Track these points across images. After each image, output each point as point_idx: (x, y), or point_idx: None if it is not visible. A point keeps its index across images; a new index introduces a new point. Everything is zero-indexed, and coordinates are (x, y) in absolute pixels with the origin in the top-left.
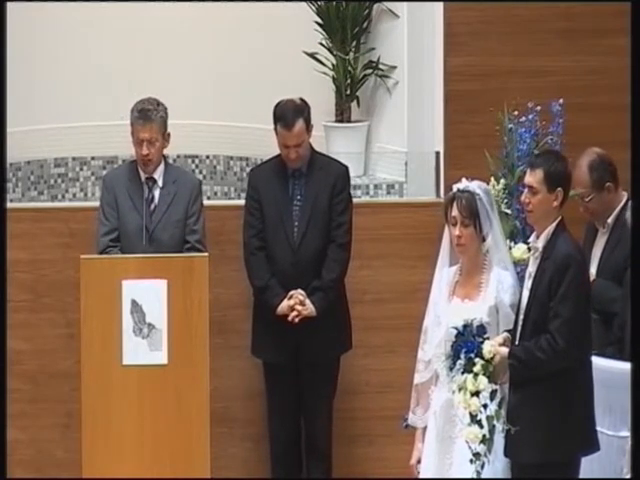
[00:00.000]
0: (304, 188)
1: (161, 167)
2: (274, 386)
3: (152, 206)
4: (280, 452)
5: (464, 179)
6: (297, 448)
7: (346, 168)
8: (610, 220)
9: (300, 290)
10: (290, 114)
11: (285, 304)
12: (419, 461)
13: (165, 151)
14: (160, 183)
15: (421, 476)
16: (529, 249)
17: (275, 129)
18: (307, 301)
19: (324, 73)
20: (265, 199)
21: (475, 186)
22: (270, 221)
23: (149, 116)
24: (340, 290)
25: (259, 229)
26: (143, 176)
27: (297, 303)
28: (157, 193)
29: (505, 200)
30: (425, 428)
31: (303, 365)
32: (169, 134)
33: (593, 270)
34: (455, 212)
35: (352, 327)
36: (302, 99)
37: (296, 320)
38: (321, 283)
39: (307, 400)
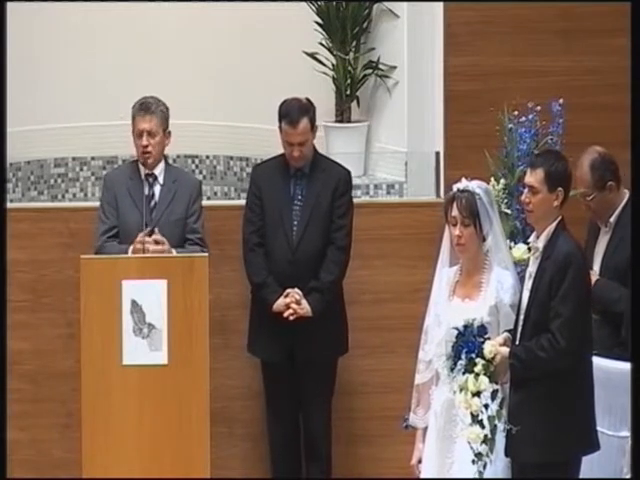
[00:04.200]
0: (305, 188)
1: (162, 165)
2: (271, 384)
3: (152, 203)
4: (278, 451)
5: (464, 179)
6: (296, 448)
7: (348, 172)
8: (612, 219)
9: (297, 290)
10: (295, 112)
11: (281, 301)
12: (420, 461)
13: (165, 151)
14: (161, 180)
15: (422, 476)
16: (529, 249)
17: (280, 127)
18: (303, 301)
19: (324, 73)
20: (266, 197)
21: (475, 186)
22: (270, 219)
23: (150, 108)
24: (337, 293)
25: (259, 226)
26: (143, 173)
27: (293, 301)
28: (157, 190)
29: (505, 200)
30: (426, 428)
31: (299, 364)
32: (170, 132)
33: (596, 268)
34: (455, 212)
35: (350, 328)
36: (308, 99)
37: (291, 318)
38: (319, 284)
39: (305, 400)
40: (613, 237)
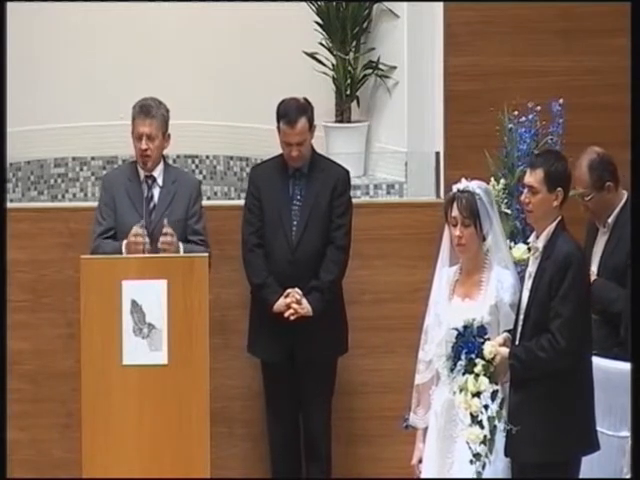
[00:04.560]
0: (304, 188)
1: (160, 166)
2: (271, 384)
3: (151, 205)
4: (278, 451)
5: (464, 179)
6: (296, 448)
7: (347, 172)
8: (610, 220)
9: (297, 289)
10: (293, 112)
11: (282, 301)
12: (420, 461)
13: (165, 151)
14: (160, 182)
15: (422, 476)
16: (529, 249)
17: (278, 127)
18: (304, 300)
19: (324, 73)
20: (265, 197)
21: (475, 186)
22: (269, 219)
23: (150, 111)
24: (337, 293)
25: (258, 227)
26: (142, 175)
27: (293, 301)
28: (156, 192)
29: (505, 200)
30: (426, 428)
31: (299, 364)
32: (169, 135)
33: (594, 268)
34: (455, 212)
35: (350, 328)
36: (306, 99)
37: (292, 318)
38: (319, 283)
39: (305, 400)
40: (611, 237)
